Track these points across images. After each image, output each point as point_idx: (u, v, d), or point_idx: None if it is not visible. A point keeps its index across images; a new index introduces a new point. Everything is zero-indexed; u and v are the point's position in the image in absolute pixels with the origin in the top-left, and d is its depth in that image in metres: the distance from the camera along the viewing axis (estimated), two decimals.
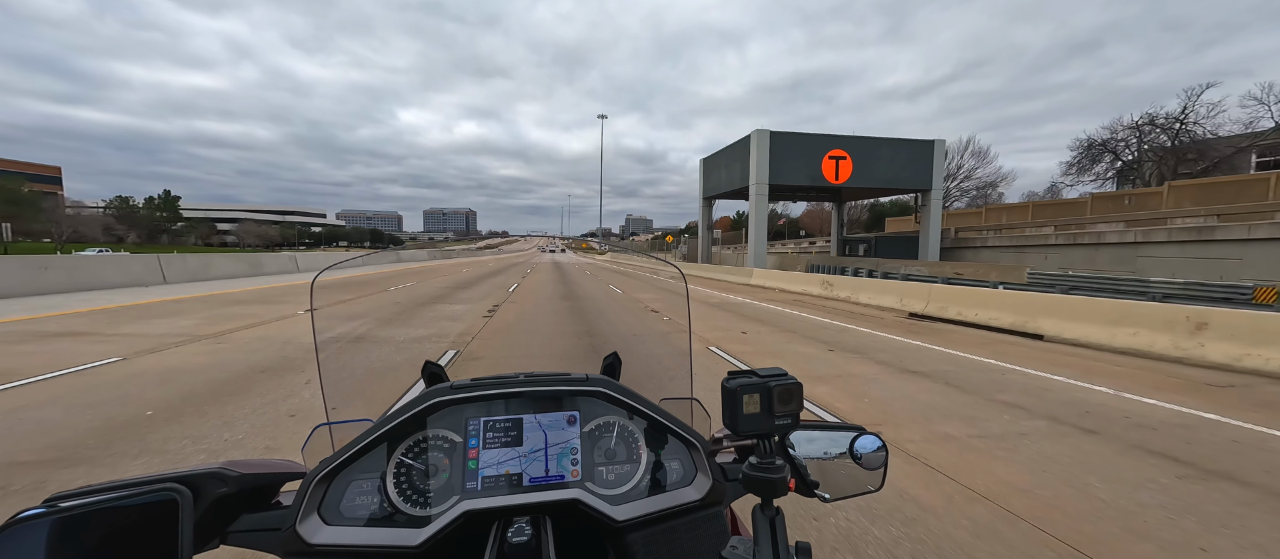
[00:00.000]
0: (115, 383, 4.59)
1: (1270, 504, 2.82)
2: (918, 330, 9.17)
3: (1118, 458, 3.42)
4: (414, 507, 0.78)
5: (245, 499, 0.72)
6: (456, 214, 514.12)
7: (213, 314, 8.88)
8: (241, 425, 3.66)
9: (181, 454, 3.16)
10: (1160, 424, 4.16)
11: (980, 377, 5.70)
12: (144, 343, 6.31)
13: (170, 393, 4.33)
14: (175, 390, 4.40)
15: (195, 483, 0.65)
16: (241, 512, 0.72)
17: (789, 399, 0.66)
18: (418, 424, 0.83)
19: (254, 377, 4.92)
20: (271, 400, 4.22)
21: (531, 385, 0.87)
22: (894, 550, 2.29)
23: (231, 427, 3.63)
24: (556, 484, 0.82)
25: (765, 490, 0.63)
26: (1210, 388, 5.43)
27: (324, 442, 0.90)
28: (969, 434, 3.84)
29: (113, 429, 3.51)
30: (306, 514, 0.74)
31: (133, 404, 4.03)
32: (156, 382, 4.66)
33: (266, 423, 3.73)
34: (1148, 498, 2.85)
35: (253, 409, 4.00)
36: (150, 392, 4.35)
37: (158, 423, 3.66)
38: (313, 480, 0.76)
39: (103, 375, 4.84)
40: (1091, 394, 5.07)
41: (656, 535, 0.80)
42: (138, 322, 7.93)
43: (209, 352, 5.94)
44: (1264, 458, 3.49)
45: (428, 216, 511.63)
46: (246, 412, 3.94)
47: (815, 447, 0.82)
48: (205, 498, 0.66)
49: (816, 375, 5.63)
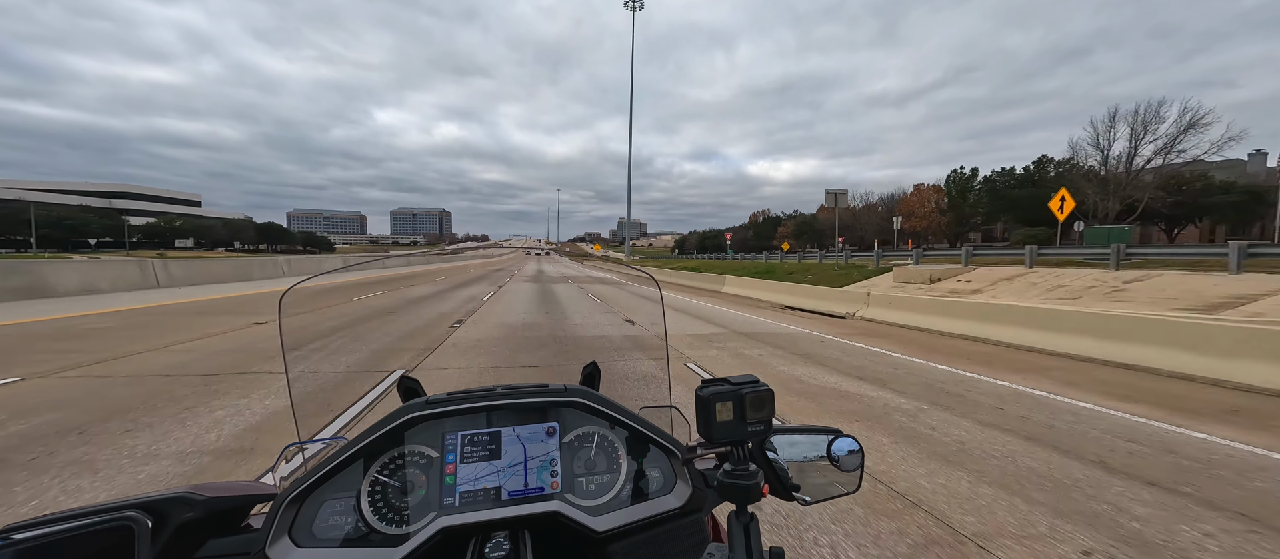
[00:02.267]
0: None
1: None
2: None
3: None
4: (390, 526, 0.77)
5: (214, 523, 0.70)
6: (428, 215, 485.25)
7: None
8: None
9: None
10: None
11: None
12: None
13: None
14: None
15: (158, 508, 0.63)
16: (210, 536, 0.70)
17: (761, 406, 0.67)
18: (393, 440, 0.81)
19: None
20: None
21: (509, 397, 0.86)
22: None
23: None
24: (536, 497, 0.81)
25: (739, 496, 0.64)
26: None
27: (295, 461, 0.87)
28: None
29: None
30: (277, 537, 0.72)
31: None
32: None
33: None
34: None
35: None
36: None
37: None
38: (283, 501, 0.73)
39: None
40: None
41: (638, 545, 0.80)
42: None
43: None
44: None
45: (396, 218, 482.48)
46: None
47: (796, 450, 0.84)
48: (170, 523, 0.64)
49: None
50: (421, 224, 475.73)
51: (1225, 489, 3.01)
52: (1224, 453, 3.63)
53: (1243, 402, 5.09)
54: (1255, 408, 4.86)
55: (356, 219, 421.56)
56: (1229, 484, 3.10)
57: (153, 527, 0.64)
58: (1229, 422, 4.39)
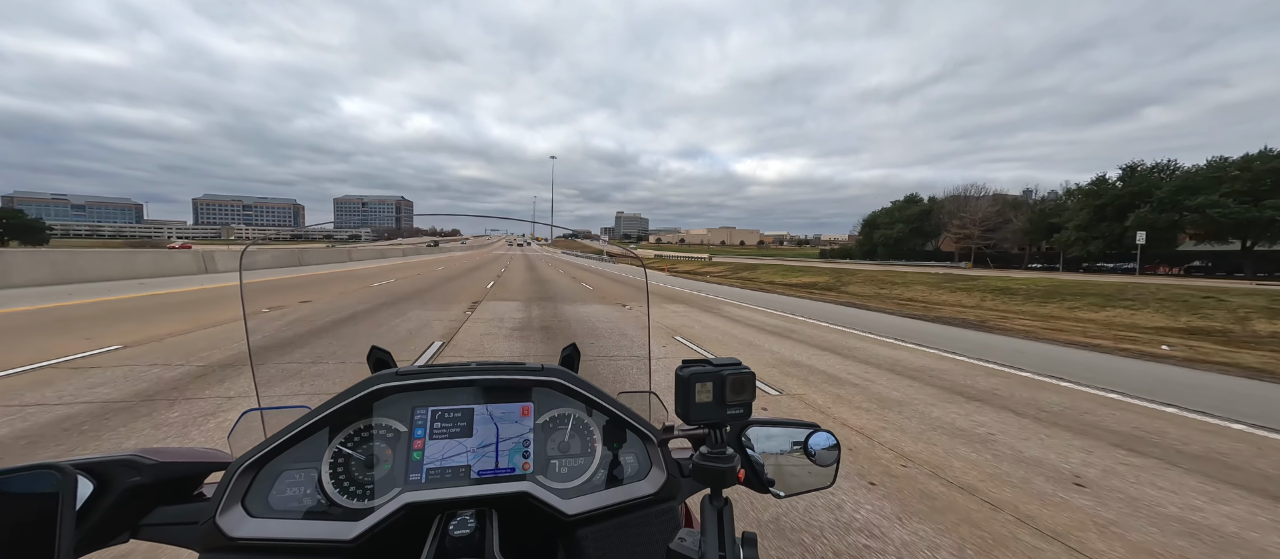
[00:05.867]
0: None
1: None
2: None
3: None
4: (351, 499, 0.74)
5: (164, 490, 0.65)
6: (382, 205, 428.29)
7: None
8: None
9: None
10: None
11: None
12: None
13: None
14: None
15: (101, 471, 0.58)
16: (159, 503, 0.65)
17: (741, 389, 0.66)
18: (360, 412, 0.78)
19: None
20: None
21: (484, 374, 0.84)
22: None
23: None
24: (506, 477, 0.80)
25: (715, 480, 0.63)
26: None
27: (254, 428, 0.82)
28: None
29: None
30: (228, 505, 0.67)
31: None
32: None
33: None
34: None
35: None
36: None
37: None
38: (237, 469, 0.69)
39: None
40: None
41: (609, 530, 0.79)
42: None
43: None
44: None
45: (339, 207, 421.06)
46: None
47: (772, 443, 0.85)
48: (114, 487, 0.59)
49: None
50: (374, 215, 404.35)
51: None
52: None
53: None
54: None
55: (289, 208, 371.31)
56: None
57: (95, 490, 0.59)
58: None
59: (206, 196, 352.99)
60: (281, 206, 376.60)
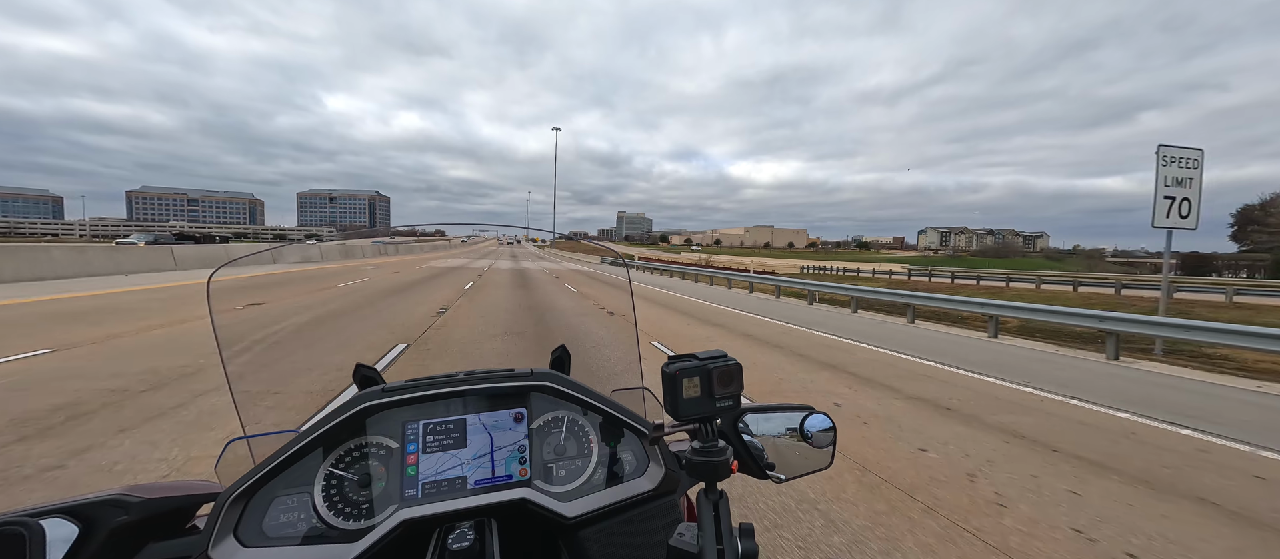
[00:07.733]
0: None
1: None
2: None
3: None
4: (347, 521, 0.73)
5: (153, 526, 0.63)
6: (353, 201, 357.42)
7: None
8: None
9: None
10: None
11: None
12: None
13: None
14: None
15: (85, 513, 0.56)
16: (149, 540, 0.63)
17: (729, 381, 0.65)
18: (349, 431, 0.77)
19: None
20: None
21: (473, 383, 0.83)
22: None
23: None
24: (503, 485, 0.79)
25: (707, 474, 0.63)
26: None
27: (242, 457, 0.80)
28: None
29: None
30: (220, 537, 0.66)
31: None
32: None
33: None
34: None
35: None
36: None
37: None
38: (227, 499, 0.67)
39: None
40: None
41: (611, 529, 0.79)
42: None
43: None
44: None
45: (303, 203, 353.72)
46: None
47: (770, 426, 0.86)
48: (99, 529, 0.57)
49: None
50: (344, 212, 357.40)
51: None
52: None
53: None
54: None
55: (245, 203, 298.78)
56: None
57: (80, 534, 0.57)
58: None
59: (144, 189, 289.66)
60: (235, 201, 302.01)
